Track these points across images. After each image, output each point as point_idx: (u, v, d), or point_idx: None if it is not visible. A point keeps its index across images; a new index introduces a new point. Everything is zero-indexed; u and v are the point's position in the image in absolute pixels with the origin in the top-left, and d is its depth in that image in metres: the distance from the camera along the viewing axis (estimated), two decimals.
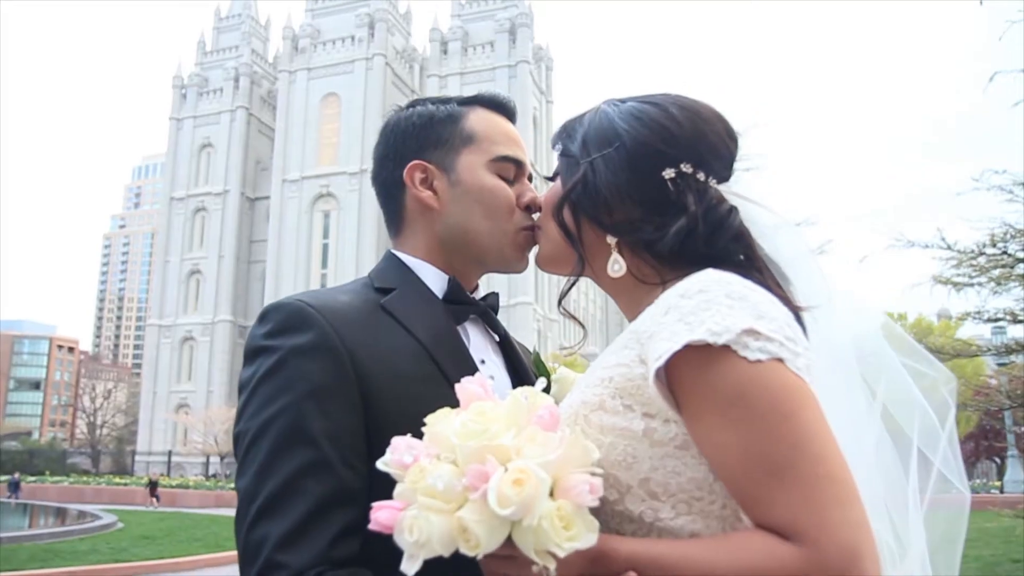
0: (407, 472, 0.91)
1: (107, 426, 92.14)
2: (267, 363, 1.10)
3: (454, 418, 0.95)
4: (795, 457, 0.89)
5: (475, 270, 1.34)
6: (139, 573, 13.73)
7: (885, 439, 1.10)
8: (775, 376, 0.91)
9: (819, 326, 1.09)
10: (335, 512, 1.02)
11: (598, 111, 1.19)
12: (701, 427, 0.94)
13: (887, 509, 1.08)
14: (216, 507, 36.05)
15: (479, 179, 1.28)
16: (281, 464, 1.03)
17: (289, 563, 0.98)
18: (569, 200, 1.15)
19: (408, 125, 1.33)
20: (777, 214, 1.14)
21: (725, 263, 1.05)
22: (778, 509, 0.89)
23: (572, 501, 0.87)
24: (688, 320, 0.94)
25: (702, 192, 1.10)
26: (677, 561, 0.91)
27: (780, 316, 0.97)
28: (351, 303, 1.19)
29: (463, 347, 1.24)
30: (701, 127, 1.13)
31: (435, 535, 0.86)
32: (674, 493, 0.97)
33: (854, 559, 0.85)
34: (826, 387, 1.01)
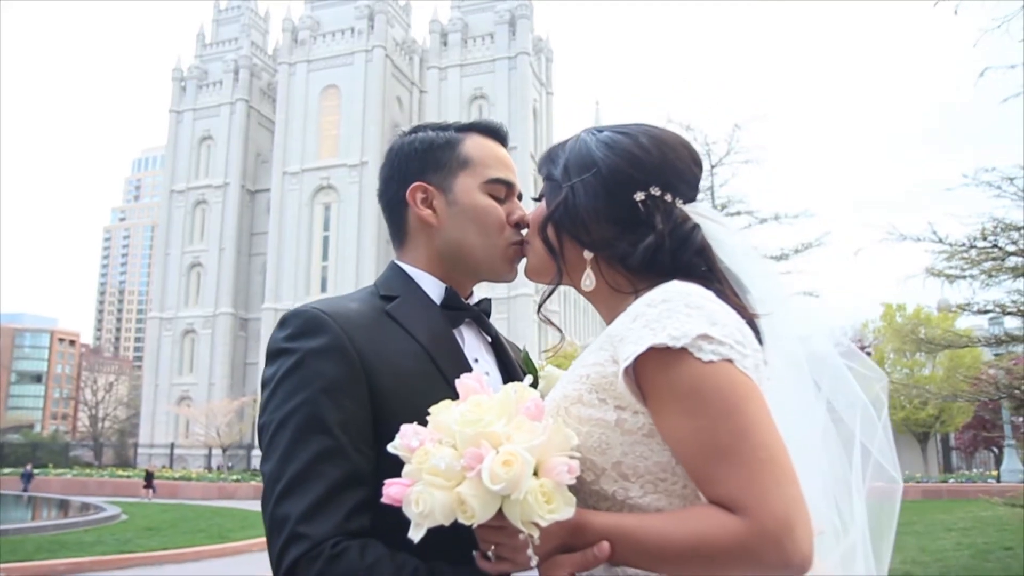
0: (414, 454, 1.07)
1: (109, 419, 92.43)
2: (287, 363, 1.26)
3: (454, 409, 1.10)
4: (740, 443, 1.04)
5: (469, 280, 1.49)
6: (144, 564, 13.84)
7: (830, 429, 1.25)
8: (725, 374, 1.07)
9: (776, 330, 1.24)
10: (349, 491, 1.18)
11: (578, 139, 1.34)
12: (663, 417, 1.10)
13: (833, 491, 1.24)
14: (219, 499, 36.23)
15: (474, 199, 1.44)
16: (301, 451, 1.18)
17: (310, 534, 1.13)
18: (552, 219, 1.31)
19: (411, 150, 1.48)
20: (735, 231, 1.29)
21: (689, 275, 1.21)
22: (725, 486, 1.04)
23: (553, 480, 1.04)
24: (652, 326, 1.10)
25: (669, 212, 1.25)
26: (642, 530, 1.07)
27: (731, 323, 1.12)
28: (360, 310, 1.35)
29: (458, 348, 1.40)
30: (667, 154, 1.28)
31: (437, 507, 1.02)
32: (642, 475, 1.13)
33: (788, 529, 1.00)
34: (781, 382, 1.20)
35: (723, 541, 1.01)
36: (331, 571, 1.12)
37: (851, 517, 1.24)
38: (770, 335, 1.24)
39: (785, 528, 1.00)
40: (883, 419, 1.27)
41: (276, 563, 1.15)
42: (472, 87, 70.16)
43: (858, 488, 1.24)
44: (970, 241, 8.18)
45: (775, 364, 1.22)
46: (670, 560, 1.06)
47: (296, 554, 1.13)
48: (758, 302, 1.25)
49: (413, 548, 1.08)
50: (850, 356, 1.29)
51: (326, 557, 1.12)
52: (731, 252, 1.27)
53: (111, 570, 12.98)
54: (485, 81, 70.17)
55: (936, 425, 40.06)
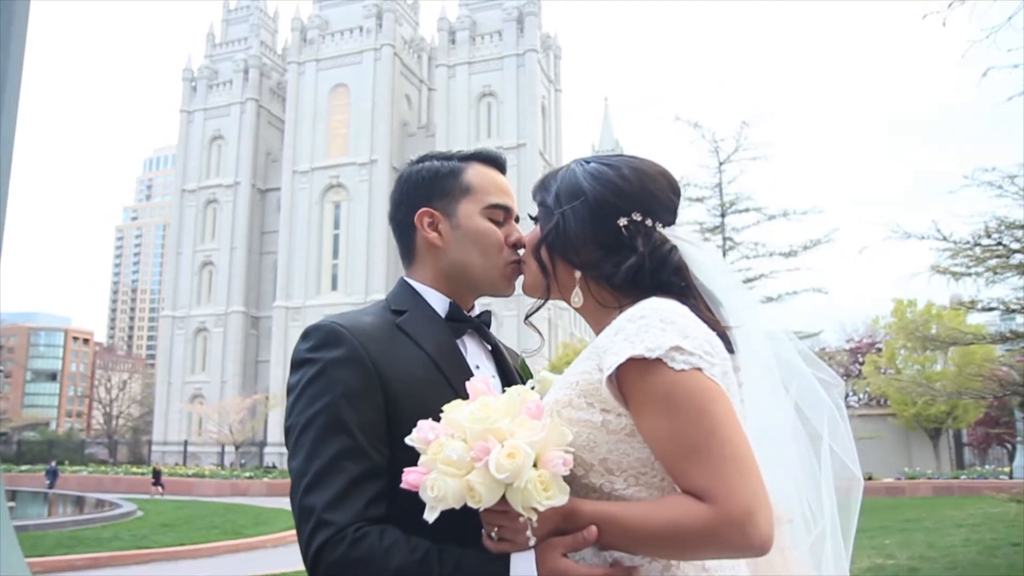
0: (429, 446, 1.23)
1: (123, 416, 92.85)
2: (310, 372, 1.41)
3: (465, 407, 1.26)
4: (708, 441, 1.18)
5: (471, 295, 1.65)
6: (160, 559, 14.04)
7: (799, 429, 1.41)
8: (694, 381, 1.21)
9: (749, 339, 1.39)
10: (367, 484, 1.33)
11: (568, 169, 1.49)
12: (642, 419, 1.24)
13: (804, 484, 1.40)
14: (232, 496, 36.44)
15: (475, 223, 1.60)
16: (325, 449, 1.33)
17: (335, 521, 1.28)
18: (545, 242, 1.46)
19: (418, 178, 1.64)
20: (710, 251, 1.45)
21: (667, 291, 1.35)
22: (696, 479, 1.18)
23: (550, 471, 1.19)
24: (631, 339, 1.24)
25: (649, 235, 1.40)
26: (624, 517, 1.22)
27: (701, 335, 1.25)
28: (374, 323, 1.50)
29: (461, 357, 1.56)
30: (647, 184, 1.43)
31: (450, 492, 1.18)
32: (625, 469, 1.27)
33: (750, 515, 1.14)
34: (756, 387, 1.36)
35: (694, 526, 1.16)
36: (353, 553, 1.26)
37: (820, 509, 1.39)
38: (744, 344, 1.38)
39: (747, 514, 1.14)
40: (844, 421, 1.43)
41: (305, 547, 1.30)
42: (481, 84, 70.14)
43: (826, 483, 1.39)
44: (974, 239, 8.26)
45: (750, 370, 1.37)
46: (649, 543, 1.21)
47: (323, 538, 1.27)
48: (731, 314, 1.39)
49: (425, 533, 1.25)
50: (812, 363, 1.43)
51: (349, 540, 1.27)
52: (705, 270, 1.41)
53: (128, 565, 13.19)
54: (494, 79, 70.15)
55: (948, 421, 39.96)
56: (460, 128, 68.62)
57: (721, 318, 1.38)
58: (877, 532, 15.21)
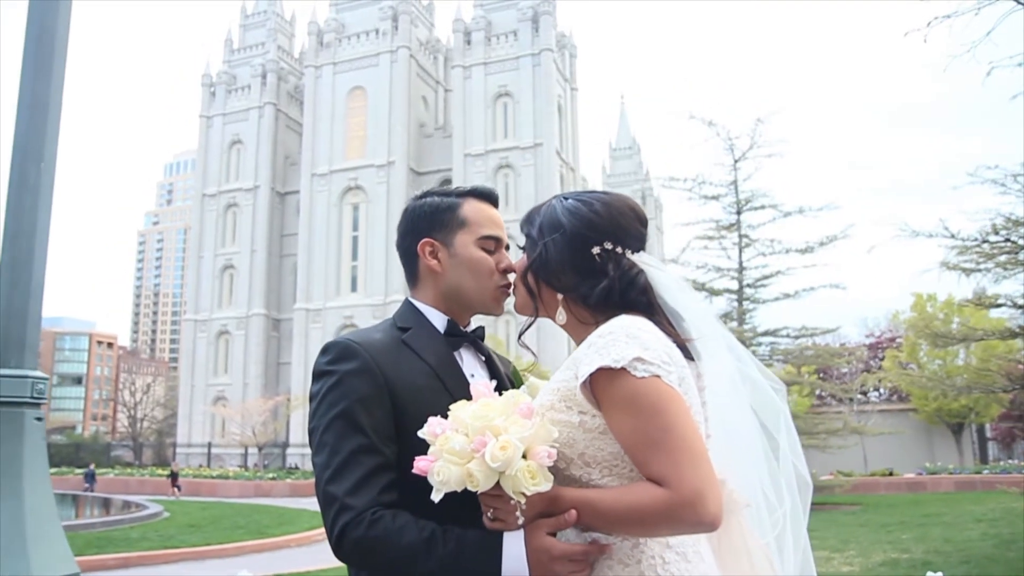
0: (437, 439, 1.45)
1: (147, 419, 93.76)
2: (329, 381, 1.65)
3: (468, 407, 1.48)
4: (664, 436, 1.39)
5: (466, 313, 1.88)
6: (187, 559, 14.30)
7: (758, 428, 1.64)
8: (653, 387, 1.41)
9: (710, 349, 1.63)
10: (380, 475, 1.56)
11: (550, 205, 1.74)
12: (611, 419, 1.45)
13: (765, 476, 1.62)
14: (256, 497, 36.79)
15: (469, 253, 1.84)
16: (343, 446, 1.57)
17: (354, 505, 1.52)
18: (531, 269, 1.70)
19: (421, 212, 1.88)
20: (672, 274, 1.67)
21: (634, 309, 1.58)
22: (654, 467, 1.39)
23: (537, 462, 1.41)
24: (601, 352, 1.45)
25: (619, 261, 1.63)
26: (598, 501, 1.43)
27: (660, 348, 1.47)
28: (382, 339, 1.75)
29: (458, 367, 1.80)
30: (616, 217, 1.66)
31: (453, 477, 1.41)
32: (600, 462, 1.49)
33: (700, 497, 1.34)
34: (723, 393, 1.60)
35: (654, 507, 1.36)
36: (371, 532, 1.50)
37: (781, 499, 1.62)
38: (708, 356, 1.62)
39: (698, 496, 1.34)
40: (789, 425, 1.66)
41: (330, 528, 1.54)
42: (497, 85, 70.16)
43: (785, 479, 1.63)
44: (983, 235, 8.33)
45: (716, 377, 1.61)
46: (618, 523, 1.43)
47: (345, 520, 1.51)
48: (692, 326, 1.61)
49: (430, 517, 1.49)
50: (764, 373, 1.67)
51: (367, 522, 1.50)
52: (668, 290, 1.63)
53: (157, 565, 13.47)
54: (509, 79, 70.14)
55: (970, 416, 39.67)
56: (477, 128, 68.74)
57: (682, 331, 1.60)
58: (895, 527, 15.26)
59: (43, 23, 3.51)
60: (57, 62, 3.51)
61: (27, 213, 3.29)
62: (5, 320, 3.19)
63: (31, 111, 3.40)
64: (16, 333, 3.19)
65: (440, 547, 1.47)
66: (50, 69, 3.49)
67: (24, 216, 3.28)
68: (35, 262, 3.29)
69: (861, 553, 11.29)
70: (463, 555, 1.46)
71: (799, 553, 1.61)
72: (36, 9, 3.51)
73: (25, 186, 3.30)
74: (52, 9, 3.53)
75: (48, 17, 3.53)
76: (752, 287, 25.48)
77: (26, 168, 3.33)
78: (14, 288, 3.21)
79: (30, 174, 3.33)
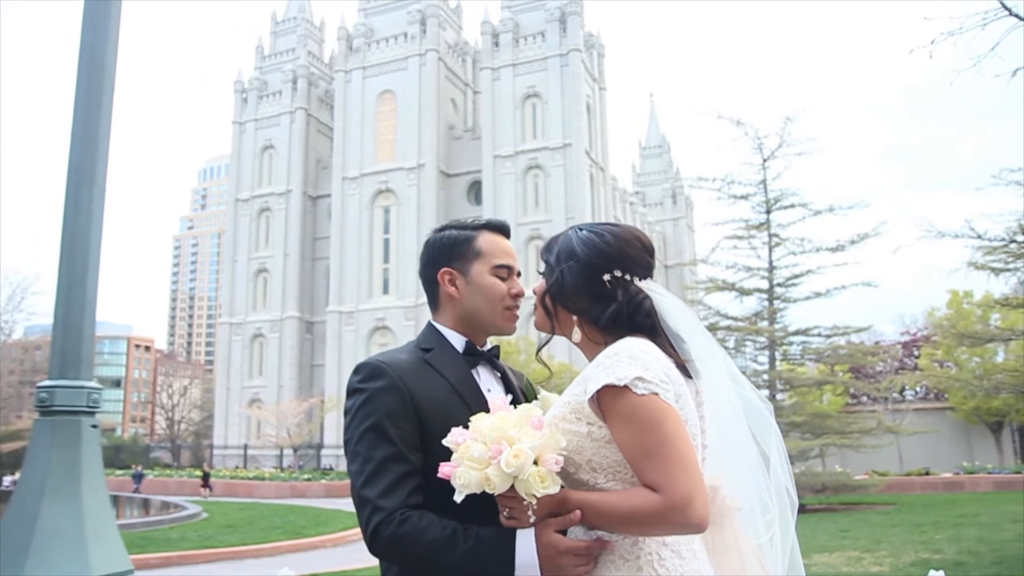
0: (459, 447, 1.64)
1: (184, 421, 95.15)
2: (361, 398, 1.86)
3: (487, 419, 1.67)
4: (659, 447, 1.56)
5: (482, 334, 2.09)
6: (226, 559, 14.61)
7: (752, 440, 1.82)
8: (651, 403, 1.59)
9: (710, 371, 1.80)
10: (407, 480, 1.76)
11: (566, 235, 1.93)
12: (615, 430, 1.63)
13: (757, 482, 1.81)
14: (291, 497, 37.26)
15: (484, 280, 2.04)
16: (374, 455, 1.78)
17: (385, 507, 1.71)
18: (549, 293, 1.89)
19: (441, 244, 2.09)
20: (675, 300, 1.85)
21: (640, 331, 1.76)
22: (650, 475, 1.56)
23: (546, 468, 1.59)
24: (607, 371, 1.63)
25: (627, 287, 1.81)
26: (601, 503, 1.61)
27: (659, 368, 1.64)
28: (407, 359, 1.95)
29: (476, 383, 2.00)
30: (624, 247, 1.84)
31: (472, 481, 1.59)
32: (605, 468, 1.67)
33: (689, 501, 1.52)
34: (722, 410, 1.79)
35: (648, 509, 1.54)
36: (401, 530, 1.69)
37: (771, 500, 1.81)
38: (706, 375, 1.80)
39: (687, 501, 1.52)
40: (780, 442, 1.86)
41: (364, 527, 1.74)
42: (525, 86, 70.25)
43: (775, 487, 1.82)
44: (1009, 236, 8.34)
45: (714, 396, 1.79)
46: (618, 523, 1.61)
47: (377, 520, 1.71)
48: (692, 349, 1.80)
49: (451, 517, 1.68)
50: (750, 388, 1.85)
51: (397, 521, 1.70)
52: (671, 314, 1.82)
53: (197, 564, 13.79)
54: (538, 79, 70.19)
55: (1011, 414, 39.00)
56: (506, 130, 68.90)
57: (682, 352, 1.78)
58: (929, 527, 15.18)
59: (93, 56, 3.74)
60: (106, 93, 3.74)
61: (81, 234, 3.52)
62: (61, 335, 3.43)
63: (83, 139, 3.63)
64: (72, 347, 3.42)
65: (461, 543, 1.66)
66: (100, 100, 3.72)
67: (78, 237, 3.51)
68: (88, 280, 3.52)
69: (892, 553, 11.29)
70: (481, 550, 1.65)
71: (787, 555, 1.79)
72: (87, 43, 3.74)
73: (79, 208, 3.53)
74: (101, 43, 3.76)
75: (98, 51, 3.76)
76: (783, 286, 25.38)
77: (80, 192, 3.56)
78: (70, 305, 3.45)
79: (83, 197, 3.56)
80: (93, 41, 3.69)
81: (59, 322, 3.43)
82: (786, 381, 25.69)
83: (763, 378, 24.99)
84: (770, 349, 25.42)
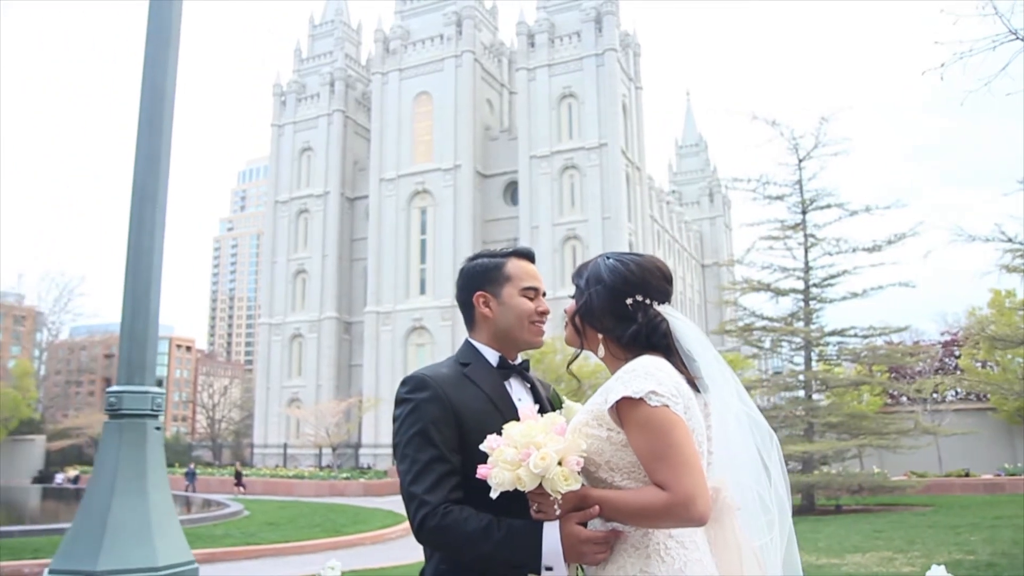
0: (493, 451, 1.88)
1: (225, 420, 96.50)
2: (408, 407, 2.12)
3: (517, 427, 1.91)
4: (667, 451, 1.81)
5: (513, 350, 2.34)
6: (269, 555, 14.90)
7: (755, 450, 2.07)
8: (663, 414, 1.83)
9: (720, 389, 2.05)
10: (449, 479, 2.03)
11: (595, 263, 2.18)
12: (630, 436, 1.87)
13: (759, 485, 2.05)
14: (330, 496, 37.78)
15: (514, 302, 2.31)
16: (420, 457, 2.04)
17: (430, 501, 1.98)
18: (578, 314, 2.15)
19: (475, 271, 2.36)
20: (689, 323, 2.10)
21: (656, 350, 2.01)
22: (659, 475, 1.81)
23: (569, 468, 1.84)
24: (625, 384, 1.88)
25: (646, 311, 2.06)
26: (617, 499, 1.87)
27: (670, 383, 1.89)
28: (448, 373, 2.22)
29: (508, 394, 2.27)
30: (646, 276, 2.09)
31: (505, 480, 1.84)
32: (622, 468, 1.92)
33: (692, 499, 1.76)
34: (730, 423, 2.04)
35: (657, 505, 1.79)
36: (444, 522, 1.96)
37: (771, 501, 2.06)
38: (716, 392, 2.05)
39: (690, 498, 1.77)
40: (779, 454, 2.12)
41: (411, 519, 2.01)
42: (561, 86, 70.25)
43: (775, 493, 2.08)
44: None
45: (723, 410, 2.04)
46: (631, 517, 1.86)
47: (423, 513, 1.98)
48: (701, 368, 2.04)
49: (487, 511, 1.93)
50: (749, 403, 2.10)
51: (440, 514, 1.96)
52: (685, 336, 2.07)
53: (240, 560, 14.14)
54: (573, 80, 70.15)
55: None
56: (542, 130, 68.98)
57: (693, 370, 2.03)
58: (965, 528, 15.10)
59: (154, 84, 4.05)
60: (167, 119, 4.04)
61: (144, 252, 3.82)
62: (128, 345, 3.73)
63: (147, 162, 3.93)
64: (138, 356, 3.72)
65: (495, 532, 1.91)
66: (161, 125, 4.02)
67: (142, 254, 3.82)
68: (152, 294, 3.82)
69: (925, 554, 11.30)
70: (513, 538, 1.91)
71: (783, 549, 2.05)
72: (150, 73, 4.04)
73: (143, 227, 3.84)
74: (162, 72, 4.07)
75: (159, 79, 4.06)
76: (818, 286, 25.26)
77: (143, 210, 3.87)
78: (135, 318, 3.75)
79: (147, 216, 3.87)
80: (154, 76, 3.99)
81: (125, 333, 3.74)
82: (822, 381, 25.55)
83: (799, 378, 24.91)
84: (806, 350, 25.31)
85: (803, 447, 22.80)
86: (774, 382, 27.24)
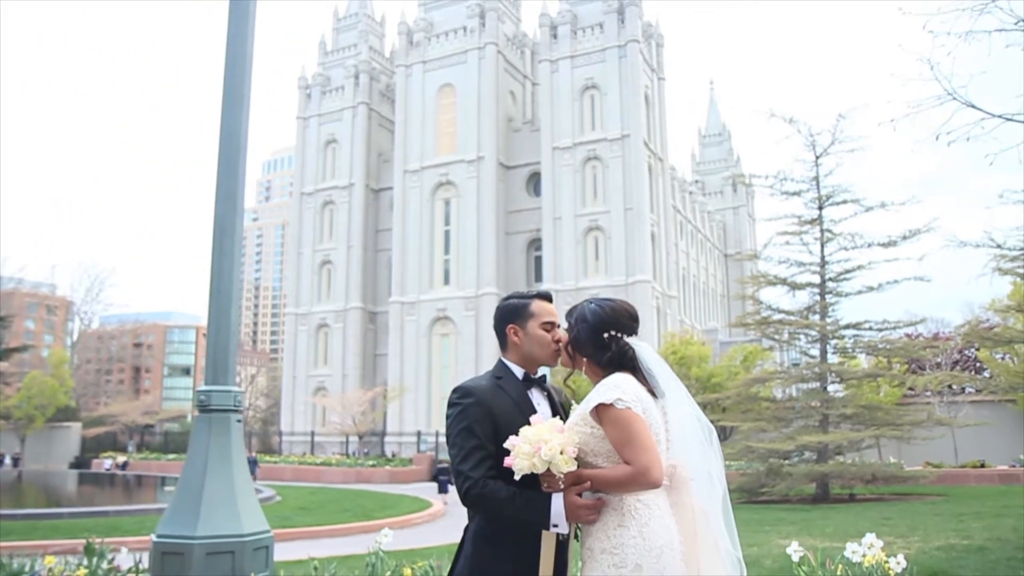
0: (514, 447, 2.61)
1: (252, 408, 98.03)
2: (458, 409, 2.84)
3: (531, 429, 2.63)
4: (631, 438, 2.55)
5: (535, 367, 3.06)
6: (304, 538, 15.59)
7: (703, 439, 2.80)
8: (627, 413, 2.57)
9: (678, 398, 2.79)
10: (485, 462, 2.73)
11: (582, 306, 2.93)
12: (606, 430, 2.63)
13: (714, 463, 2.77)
14: (357, 482, 38.73)
15: (536, 333, 3.02)
16: (466, 445, 2.76)
17: (473, 476, 2.70)
18: (570, 343, 2.90)
19: (508, 309, 3.08)
20: (650, 349, 2.83)
21: (625, 369, 2.75)
22: (626, 455, 2.56)
23: (568, 455, 2.57)
24: (601, 394, 2.64)
25: (619, 342, 2.80)
26: (600, 475, 2.62)
27: (632, 392, 2.64)
28: (487, 384, 2.95)
29: (530, 401, 2.98)
30: (618, 316, 2.83)
31: (524, 466, 2.57)
32: (603, 454, 2.67)
33: (648, 469, 2.51)
34: (684, 421, 2.78)
35: (625, 476, 2.55)
36: (483, 491, 2.68)
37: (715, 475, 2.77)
38: (671, 398, 2.79)
39: (647, 469, 2.51)
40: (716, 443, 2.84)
41: (459, 489, 2.74)
42: (583, 78, 70.50)
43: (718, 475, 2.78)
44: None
45: (677, 412, 2.78)
46: (609, 486, 2.60)
47: (468, 484, 2.70)
48: (659, 380, 2.78)
49: (514, 484, 2.64)
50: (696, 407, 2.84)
51: (480, 485, 2.69)
52: (646, 359, 2.81)
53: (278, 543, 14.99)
54: (596, 71, 70.36)
55: None
56: (564, 121, 69.37)
57: (653, 383, 2.78)
58: (969, 516, 15.66)
59: (230, 127, 4.81)
60: (241, 159, 4.80)
61: (225, 274, 4.59)
62: (213, 352, 4.51)
63: (225, 197, 4.70)
64: (221, 361, 4.50)
65: (518, 499, 2.65)
66: (236, 164, 4.78)
67: (223, 276, 4.58)
68: (232, 309, 4.59)
69: (923, 539, 11.90)
70: (530, 504, 2.65)
71: (723, 509, 2.75)
72: (227, 117, 4.80)
73: (223, 255, 4.61)
74: (236, 116, 4.82)
75: (233, 122, 4.82)
76: (835, 281, 25.77)
77: (223, 240, 4.63)
78: (219, 330, 4.52)
79: (226, 244, 4.63)
80: (232, 123, 4.75)
81: (211, 343, 4.52)
82: (837, 374, 26.08)
83: (814, 370, 25.47)
84: (821, 342, 25.85)
85: (818, 437, 23.39)
86: (790, 374, 27.79)
